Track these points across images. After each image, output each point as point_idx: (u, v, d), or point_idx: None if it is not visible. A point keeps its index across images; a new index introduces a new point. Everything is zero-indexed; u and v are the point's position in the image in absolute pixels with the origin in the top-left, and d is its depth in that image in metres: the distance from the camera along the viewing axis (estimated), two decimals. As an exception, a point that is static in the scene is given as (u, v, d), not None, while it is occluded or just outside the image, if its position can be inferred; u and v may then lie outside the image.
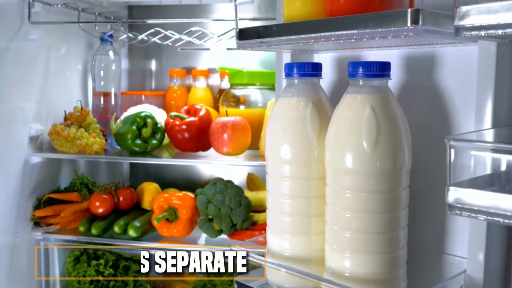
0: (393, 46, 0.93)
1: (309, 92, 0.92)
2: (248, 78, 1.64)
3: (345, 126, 0.84)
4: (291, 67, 0.92)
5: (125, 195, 1.59)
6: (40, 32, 1.55)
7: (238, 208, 1.47)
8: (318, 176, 0.92)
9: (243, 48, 0.92)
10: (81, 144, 1.52)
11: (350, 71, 0.86)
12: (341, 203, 0.86)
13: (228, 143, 1.48)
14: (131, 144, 1.52)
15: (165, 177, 1.99)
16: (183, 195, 1.52)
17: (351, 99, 0.85)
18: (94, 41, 1.80)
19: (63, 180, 1.71)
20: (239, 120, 1.50)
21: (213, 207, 1.47)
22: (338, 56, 1.05)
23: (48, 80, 1.62)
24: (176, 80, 1.88)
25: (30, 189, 1.56)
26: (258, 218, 1.54)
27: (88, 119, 1.59)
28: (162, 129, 1.57)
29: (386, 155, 0.82)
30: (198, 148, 1.56)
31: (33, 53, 1.55)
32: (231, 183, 1.53)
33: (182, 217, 1.49)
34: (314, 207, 0.92)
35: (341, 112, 0.86)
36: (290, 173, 0.93)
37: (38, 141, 1.58)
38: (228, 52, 1.90)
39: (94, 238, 1.52)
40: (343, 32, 0.76)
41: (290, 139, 0.92)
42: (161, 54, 1.99)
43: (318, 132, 0.90)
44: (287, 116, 0.92)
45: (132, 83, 2.02)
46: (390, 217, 0.84)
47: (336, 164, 0.85)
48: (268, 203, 0.99)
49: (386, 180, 0.82)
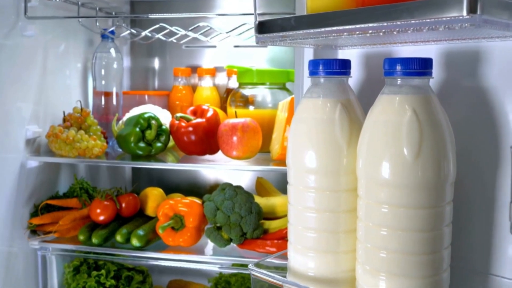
0: (431, 40, 0.81)
1: (337, 92, 0.81)
2: (257, 77, 1.52)
3: (382, 132, 0.72)
4: (316, 64, 0.80)
5: (127, 202, 1.47)
6: (37, 28, 1.44)
7: (249, 216, 1.36)
8: (348, 188, 0.80)
9: (263, 43, 0.80)
10: (81, 147, 1.40)
11: (387, 68, 0.74)
12: (375, 219, 0.74)
13: (238, 146, 1.36)
14: (134, 147, 1.40)
15: (169, 181, 1.87)
16: (189, 201, 1.40)
17: (388, 101, 0.73)
18: (94, 38, 1.69)
19: (62, 185, 1.59)
20: (250, 121, 1.39)
21: (222, 215, 1.36)
22: (366, 53, 0.93)
23: (46, 79, 1.50)
24: (181, 79, 1.76)
25: (26, 195, 1.44)
26: (270, 226, 1.43)
27: (88, 121, 1.48)
28: (167, 131, 1.45)
29: (430, 164, 0.70)
30: (205, 152, 1.44)
31: (30, 51, 1.44)
32: (240, 189, 1.41)
33: (188, 225, 1.37)
34: (342, 222, 0.81)
35: (376, 116, 0.74)
36: (315, 184, 0.81)
37: (35, 144, 1.47)
38: (235, 50, 1.79)
39: (95, 247, 1.40)
40: (384, 23, 0.64)
41: (316, 145, 0.80)
42: (165, 52, 1.88)
43: (348, 138, 0.79)
44: (312, 119, 0.80)
45: (135, 82, 1.91)
46: (432, 236, 0.72)
47: (370, 174, 0.74)
48: (290, 216, 0.87)
49: (429, 193, 0.71)
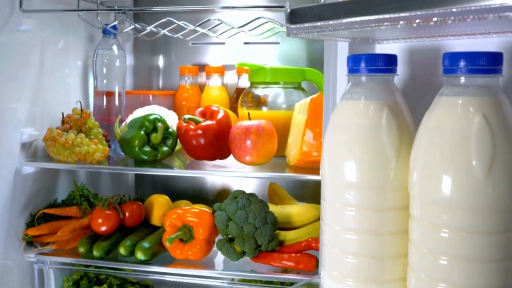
0: (492, 32, 0.68)
1: (383, 93, 0.67)
2: (271, 75, 1.38)
3: (444, 141, 0.59)
4: (357, 60, 0.67)
5: (131, 211, 1.33)
6: (34, 23, 1.31)
7: (264, 227, 1.23)
8: (395, 206, 0.67)
9: (295, 35, 0.67)
10: (81, 152, 1.27)
11: (447, 65, 0.61)
12: (433, 244, 0.61)
13: (251, 151, 1.23)
14: (138, 151, 1.27)
15: (174, 187, 1.74)
16: (199, 211, 1.27)
17: (450, 104, 0.60)
18: (95, 34, 1.56)
19: (61, 192, 1.46)
20: (264, 124, 1.25)
21: (234, 226, 1.23)
22: (409, 47, 0.80)
23: (43, 78, 1.37)
24: (187, 78, 1.63)
25: (22, 204, 1.31)
26: (285, 237, 1.30)
27: (89, 123, 1.34)
28: (174, 134, 1.32)
29: (504, 181, 0.57)
30: (216, 156, 1.31)
31: (26, 47, 1.31)
32: (254, 197, 1.28)
33: (198, 237, 1.24)
34: (388, 246, 0.67)
35: (435, 121, 0.61)
36: (356, 201, 0.67)
37: (32, 148, 1.33)
38: (244, 47, 1.66)
39: (96, 260, 1.27)
40: (462, 6, 0.50)
41: (357, 156, 0.66)
42: (169, 49, 1.74)
43: (398, 147, 0.65)
44: (353, 125, 0.67)
45: (138, 82, 1.77)
46: (504, 268, 0.59)
47: (427, 191, 0.60)
48: (324, 237, 0.74)
49: (501, 216, 0.57)
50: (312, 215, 1.32)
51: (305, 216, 1.32)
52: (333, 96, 0.82)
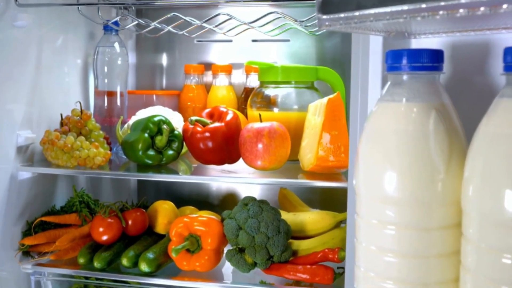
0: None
1: (428, 94, 0.58)
2: (282, 74, 1.29)
3: (509, 150, 0.50)
4: (399, 56, 0.58)
5: (134, 218, 1.24)
6: (30, 18, 1.21)
7: (276, 236, 1.13)
8: (443, 224, 0.57)
9: (327, 27, 0.57)
10: (81, 156, 1.17)
11: (509, 61, 0.51)
12: (492, 271, 0.51)
13: (263, 155, 1.14)
14: (142, 155, 1.17)
15: (178, 191, 1.65)
16: (207, 219, 1.17)
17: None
18: (96, 31, 1.46)
19: (59, 198, 1.36)
20: (277, 126, 1.16)
21: (245, 235, 1.13)
22: (451, 42, 0.70)
23: (41, 77, 1.28)
24: (193, 77, 1.53)
25: (18, 211, 1.22)
26: (299, 246, 1.20)
27: (90, 125, 1.25)
28: (180, 137, 1.22)
29: None
30: (224, 161, 1.22)
31: (22, 44, 1.21)
32: (266, 205, 1.19)
33: (206, 247, 1.14)
34: (434, 271, 0.58)
35: (496, 127, 0.51)
36: (397, 218, 0.58)
37: (28, 152, 1.24)
38: (252, 45, 1.57)
39: (97, 272, 1.18)
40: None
41: (398, 166, 0.57)
42: (173, 47, 1.64)
43: (448, 155, 0.56)
44: (393, 130, 0.58)
45: (140, 81, 1.68)
46: None
47: (487, 209, 0.51)
48: (359, 258, 0.64)
49: None
50: (327, 223, 1.22)
51: (320, 224, 1.22)
52: (363, 97, 0.73)
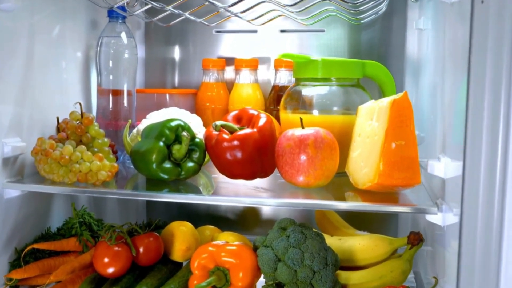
0: None
1: None
2: (323, 70, 1.05)
3: None
4: None
5: (147, 245, 1.00)
6: (20, 1, 0.97)
7: (324, 270, 0.90)
8: None
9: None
10: (81, 171, 0.93)
11: None
12: None
13: (308, 169, 0.90)
14: (156, 169, 0.93)
15: (192, 206, 1.41)
16: (237, 249, 0.93)
17: None
18: (99, 18, 1.23)
19: (55, 218, 1.12)
20: (324, 134, 0.92)
21: (285, 269, 0.90)
22: None
23: (33, 73, 1.04)
24: (212, 73, 1.29)
25: (4, 237, 0.98)
26: (348, 280, 0.97)
27: (92, 131, 1.00)
28: (202, 146, 0.98)
29: None
30: (256, 174, 0.98)
31: (10, 34, 0.97)
32: (309, 230, 0.95)
33: (236, 283, 0.91)
34: None
35: None
36: None
37: (17, 164, 1.00)
38: (280, 36, 1.34)
39: (102, 313, 0.94)
40: None
41: None
42: (187, 38, 1.41)
43: None
44: None
45: (150, 78, 1.44)
46: None
47: None
48: None
49: None
50: (382, 251, 0.98)
51: (374, 252, 0.99)
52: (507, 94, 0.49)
